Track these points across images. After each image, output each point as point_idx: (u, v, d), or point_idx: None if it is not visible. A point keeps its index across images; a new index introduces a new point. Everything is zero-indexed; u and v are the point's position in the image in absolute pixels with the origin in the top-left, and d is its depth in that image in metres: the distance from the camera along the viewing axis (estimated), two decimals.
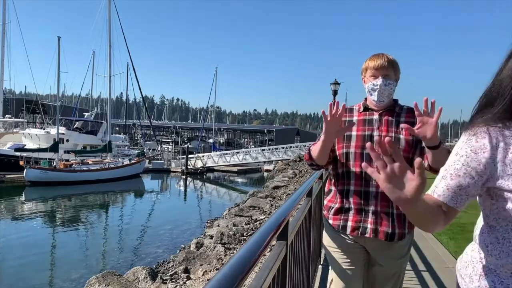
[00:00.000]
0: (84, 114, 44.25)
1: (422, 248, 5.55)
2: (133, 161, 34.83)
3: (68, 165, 29.76)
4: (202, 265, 8.72)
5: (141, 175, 35.54)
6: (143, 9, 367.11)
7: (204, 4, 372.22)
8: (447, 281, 4.31)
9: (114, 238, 15.76)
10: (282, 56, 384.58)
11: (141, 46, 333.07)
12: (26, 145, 32.88)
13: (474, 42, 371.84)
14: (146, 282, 8.07)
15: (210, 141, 62.47)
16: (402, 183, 1.02)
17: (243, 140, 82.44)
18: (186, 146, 44.93)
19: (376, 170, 1.04)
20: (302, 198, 2.61)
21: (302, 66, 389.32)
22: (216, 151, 47.27)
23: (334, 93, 19.49)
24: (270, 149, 42.68)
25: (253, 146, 65.19)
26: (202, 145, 57.57)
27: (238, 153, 43.33)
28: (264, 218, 13.34)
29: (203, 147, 56.20)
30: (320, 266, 4.36)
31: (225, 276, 0.93)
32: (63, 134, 35.36)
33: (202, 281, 7.75)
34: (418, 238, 5.69)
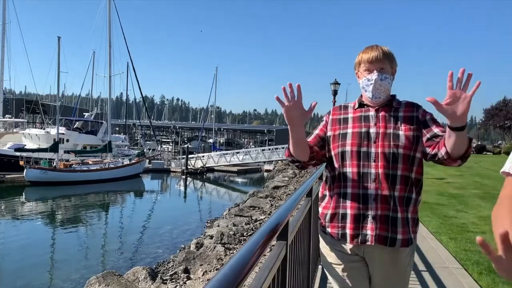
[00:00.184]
0: (84, 114, 44.20)
1: (422, 248, 5.55)
2: (133, 161, 34.79)
3: (68, 165, 29.73)
4: (202, 265, 8.73)
5: (141, 175, 35.50)
6: (143, 9, 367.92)
7: (204, 4, 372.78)
8: (447, 281, 4.31)
9: (114, 238, 15.74)
10: (282, 56, 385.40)
11: (141, 46, 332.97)
12: (26, 145, 32.84)
13: (474, 42, 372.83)
14: (146, 282, 8.07)
15: (210, 141, 62.52)
16: None
17: (243, 140, 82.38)
18: (186, 146, 44.85)
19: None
20: (302, 198, 2.61)
21: (302, 66, 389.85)
22: (216, 151, 47.21)
23: (334, 93, 19.48)
24: (270, 149, 42.59)
25: (253, 146, 65.12)
26: (202, 145, 57.54)
27: (238, 153, 43.26)
28: (264, 218, 13.35)
29: (203, 147, 56.18)
30: (320, 266, 4.35)
31: (225, 276, 0.93)
32: (63, 134, 35.32)
33: (202, 281, 7.76)
34: (418, 238, 5.66)
